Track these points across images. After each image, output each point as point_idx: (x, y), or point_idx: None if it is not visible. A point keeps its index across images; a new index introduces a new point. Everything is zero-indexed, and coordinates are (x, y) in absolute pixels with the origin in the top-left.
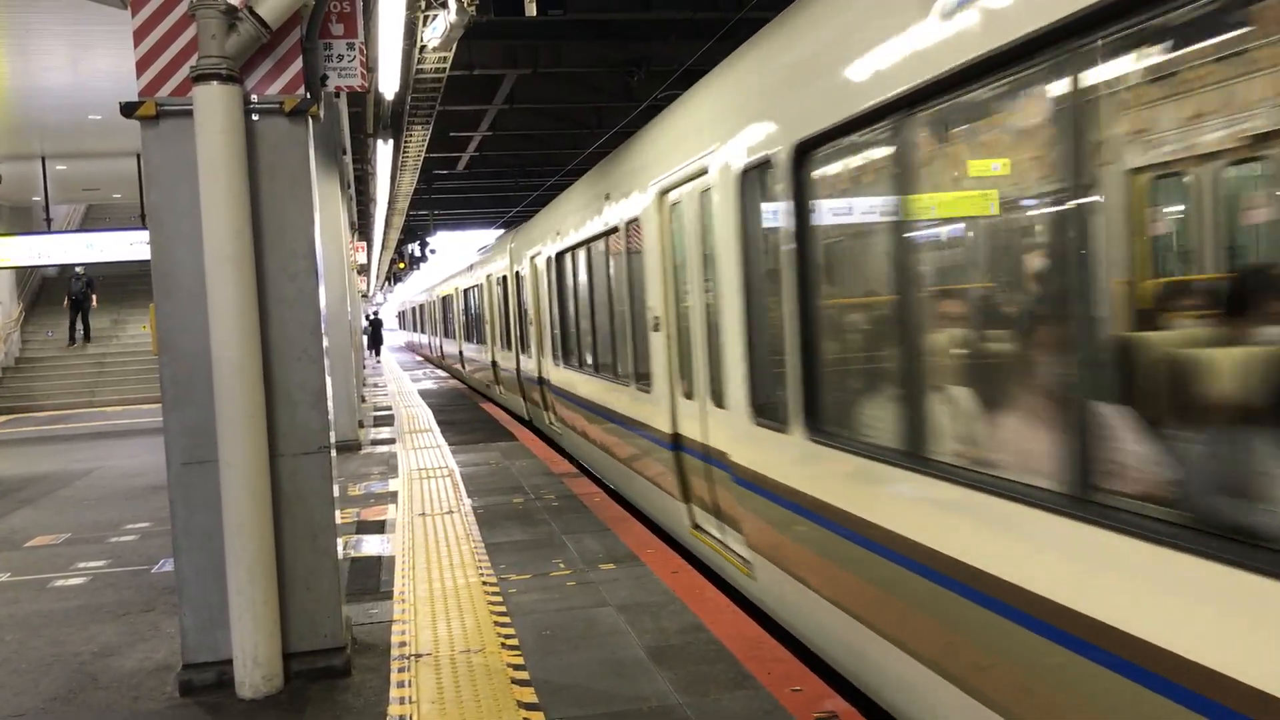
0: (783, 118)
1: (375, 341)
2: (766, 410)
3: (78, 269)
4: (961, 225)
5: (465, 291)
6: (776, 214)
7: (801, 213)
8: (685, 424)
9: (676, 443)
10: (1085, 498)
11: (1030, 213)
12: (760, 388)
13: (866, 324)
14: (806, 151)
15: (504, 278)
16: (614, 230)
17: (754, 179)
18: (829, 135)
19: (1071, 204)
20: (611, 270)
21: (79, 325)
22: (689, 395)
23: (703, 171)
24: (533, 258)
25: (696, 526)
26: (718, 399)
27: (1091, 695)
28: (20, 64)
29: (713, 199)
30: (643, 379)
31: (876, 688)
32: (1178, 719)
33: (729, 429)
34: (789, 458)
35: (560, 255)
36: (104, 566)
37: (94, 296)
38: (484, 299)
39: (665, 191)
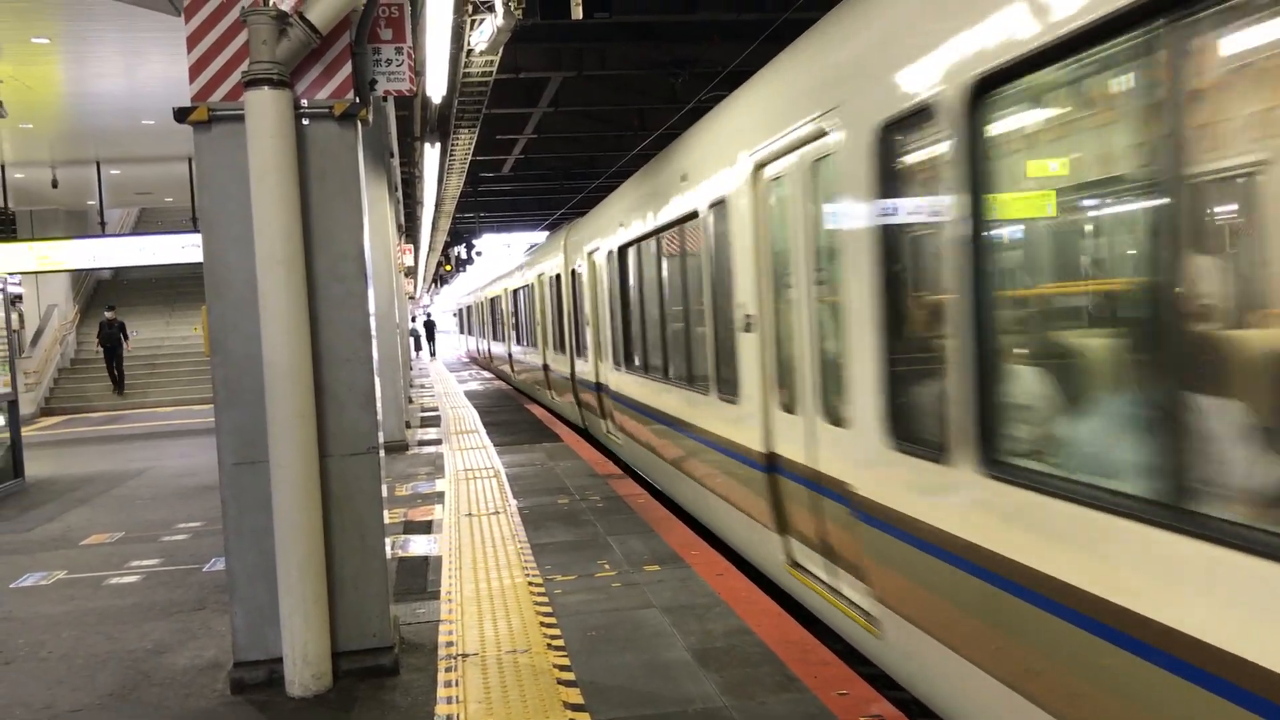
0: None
1: (430, 341)
2: (911, 432)
3: (106, 313)
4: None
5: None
6: (937, 180)
7: (977, 176)
8: (783, 443)
9: (771, 463)
10: None
11: None
12: (902, 403)
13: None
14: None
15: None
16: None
17: (896, 138)
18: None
19: None
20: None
21: (114, 369)
22: (791, 408)
23: (822, 133)
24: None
25: (796, 564)
26: (835, 418)
27: None
28: (77, 71)
29: (835, 167)
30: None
31: None
32: None
33: (850, 452)
34: (949, 496)
35: None
36: (157, 565)
37: (127, 342)
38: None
39: (763, 164)
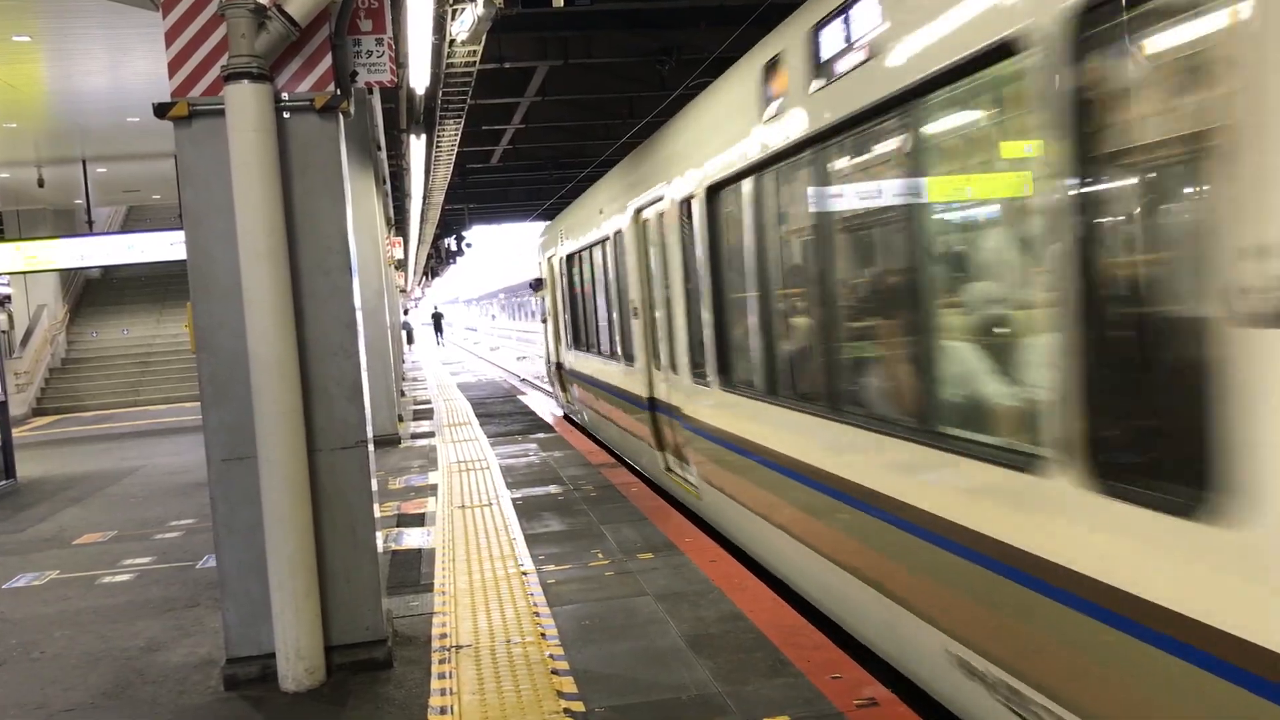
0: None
1: (437, 331)
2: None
3: None
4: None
5: None
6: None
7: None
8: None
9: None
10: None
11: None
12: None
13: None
14: (715, 192)
15: None
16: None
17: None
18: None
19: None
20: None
21: None
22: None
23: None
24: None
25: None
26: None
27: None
28: (61, 68)
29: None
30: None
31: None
32: None
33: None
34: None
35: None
36: (150, 563)
37: None
38: None
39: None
